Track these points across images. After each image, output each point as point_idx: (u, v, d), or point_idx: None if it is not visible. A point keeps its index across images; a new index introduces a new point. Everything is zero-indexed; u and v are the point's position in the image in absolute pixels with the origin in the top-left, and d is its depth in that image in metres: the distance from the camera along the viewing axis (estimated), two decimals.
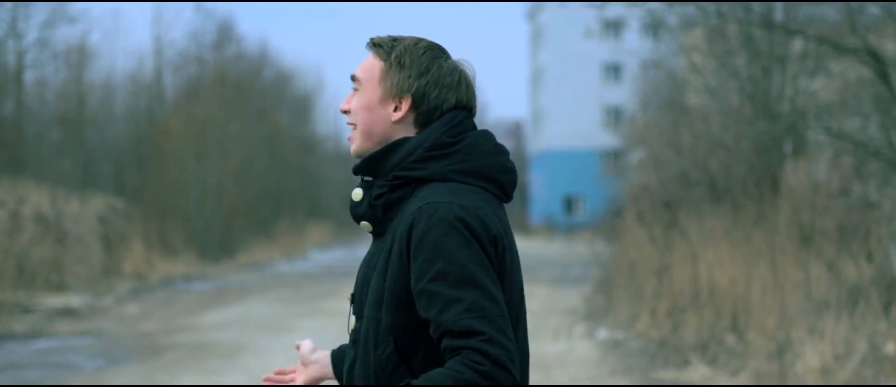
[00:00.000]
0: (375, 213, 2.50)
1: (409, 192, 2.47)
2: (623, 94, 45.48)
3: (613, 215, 21.34)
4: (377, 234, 2.52)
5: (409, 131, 2.51)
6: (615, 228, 19.50)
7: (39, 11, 25.61)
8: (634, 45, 27.12)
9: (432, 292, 2.34)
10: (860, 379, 8.00)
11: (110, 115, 30.75)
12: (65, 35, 27.94)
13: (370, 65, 2.54)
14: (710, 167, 14.10)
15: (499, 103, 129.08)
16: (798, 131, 12.73)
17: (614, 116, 54.49)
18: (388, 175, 2.49)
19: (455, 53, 2.59)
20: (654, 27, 16.24)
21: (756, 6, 11.94)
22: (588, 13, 15.11)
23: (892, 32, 10.22)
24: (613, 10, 13.80)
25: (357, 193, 2.53)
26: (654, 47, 20.60)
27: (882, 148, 9.83)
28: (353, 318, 2.54)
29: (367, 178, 2.56)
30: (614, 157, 47.69)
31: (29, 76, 27.26)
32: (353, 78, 2.55)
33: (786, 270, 10.34)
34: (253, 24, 73.21)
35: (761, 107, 12.96)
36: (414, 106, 2.50)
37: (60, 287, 18.93)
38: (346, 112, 2.57)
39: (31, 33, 25.91)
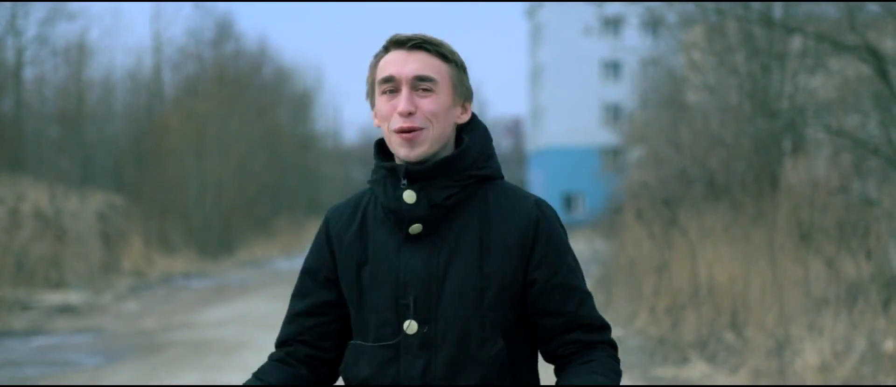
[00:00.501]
0: (437, 214, 2.41)
1: (472, 191, 2.44)
2: (622, 92, 45.45)
3: (613, 213, 21.33)
4: (424, 234, 2.41)
5: (453, 134, 2.47)
6: (614, 225, 19.48)
7: (39, 8, 25.64)
8: (634, 42, 27.07)
9: (570, 285, 2.41)
10: (859, 376, 8.00)
11: (109, 112, 30.74)
12: (64, 32, 28.08)
13: (437, 66, 2.43)
14: (710, 165, 14.09)
15: (498, 101, 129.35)
16: (797, 129, 12.73)
17: (613, 113, 54.47)
18: (460, 176, 2.42)
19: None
20: (653, 25, 16.22)
21: (755, 4, 11.93)
22: (587, 10, 15.09)
23: (891, 30, 10.22)
24: (613, 7, 13.79)
25: (411, 196, 2.39)
26: (654, 45, 20.57)
27: (881, 145, 9.83)
28: (411, 322, 2.39)
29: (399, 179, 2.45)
30: (613, 154, 47.71)
31: (28, 73, 27.28)
32: (423, 78, 2.41)
33: (785, 267, 10.34)
34: (252, 22, 73.37)
35: (760, 104, 12.96)
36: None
37: (60, 284, 18.93)
38: (409, 114, 2.40)
39: (31, 30, 25.94)
